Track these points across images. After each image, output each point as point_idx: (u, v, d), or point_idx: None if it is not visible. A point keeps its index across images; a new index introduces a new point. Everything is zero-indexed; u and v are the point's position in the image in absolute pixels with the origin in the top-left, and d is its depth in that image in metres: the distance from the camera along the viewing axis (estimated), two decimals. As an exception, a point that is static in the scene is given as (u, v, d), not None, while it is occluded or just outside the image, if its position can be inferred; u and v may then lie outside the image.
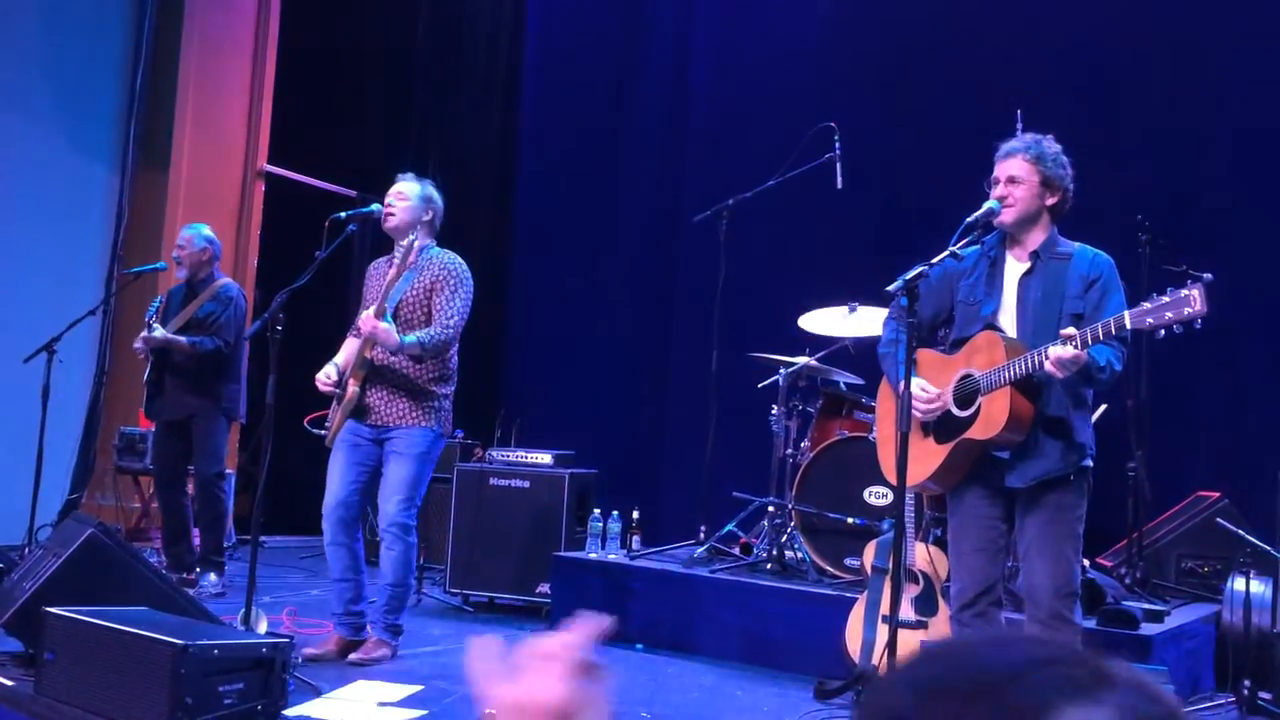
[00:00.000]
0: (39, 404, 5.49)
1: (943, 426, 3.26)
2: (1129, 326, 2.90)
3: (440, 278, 4.35)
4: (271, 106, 7.74)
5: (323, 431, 4.42)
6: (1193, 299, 2.80)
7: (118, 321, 7.08)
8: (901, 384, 3.10)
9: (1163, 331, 2.88)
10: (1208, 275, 4.77)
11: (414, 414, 4.31)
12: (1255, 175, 5.53)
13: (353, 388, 4.28)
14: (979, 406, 3.16)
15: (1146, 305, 2.87)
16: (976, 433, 3.15)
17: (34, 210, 6.88)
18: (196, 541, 5.65)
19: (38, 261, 6.87)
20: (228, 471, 5.82)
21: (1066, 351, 2.93)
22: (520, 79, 8.41)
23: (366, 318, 4.20)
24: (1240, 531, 4.38)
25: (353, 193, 8.02)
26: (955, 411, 3.22)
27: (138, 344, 5.53)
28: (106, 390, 7.07)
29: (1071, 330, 2.96)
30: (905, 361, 3.10)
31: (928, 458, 3.27)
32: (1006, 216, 3.24)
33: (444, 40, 8.62)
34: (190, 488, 5.72)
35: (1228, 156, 5.62)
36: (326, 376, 4.36)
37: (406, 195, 4.42)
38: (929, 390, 3.24)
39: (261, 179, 7.70)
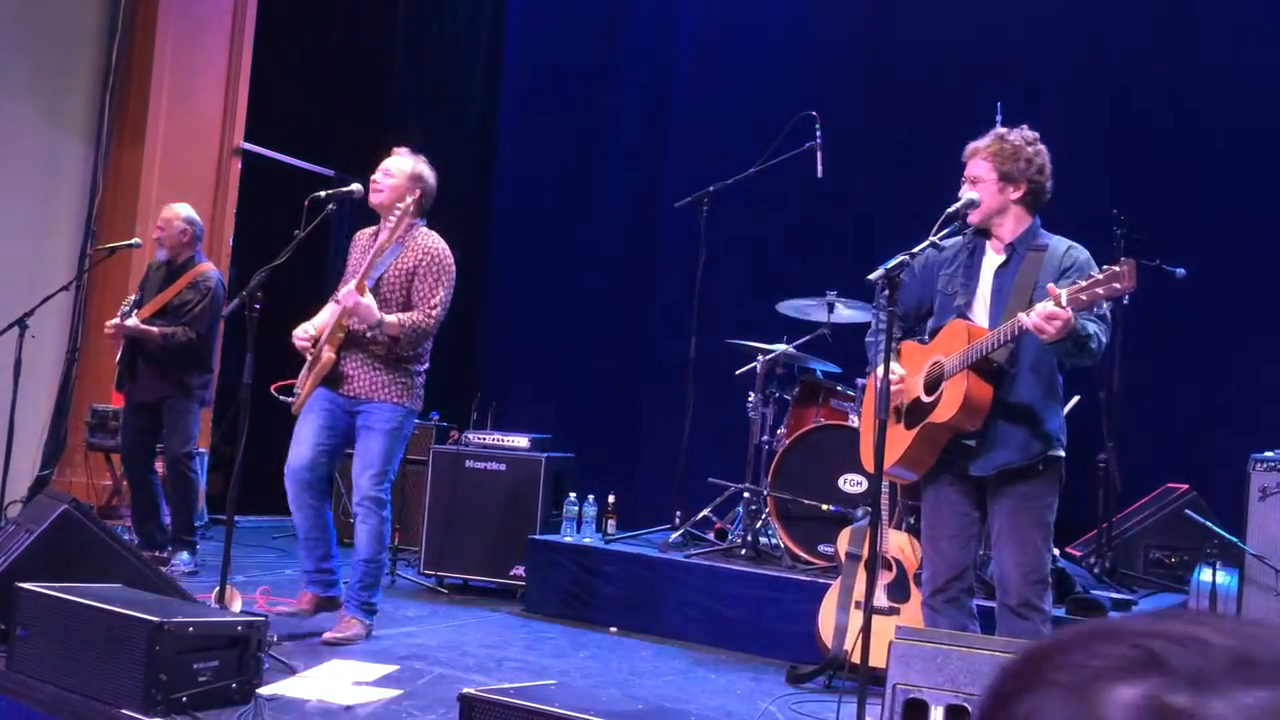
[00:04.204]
0: (10, 379, 5.44)
1: (912, 413, 3.32)
2: (1064, 304, 2.87)
3: (423, 263, 4.31)
4: (249, 83, 7.66)
5: (290, 399, 4.37)
6: (1122, 275, 2.79)
7: (90, 297, 7.01)
8: (880, 370, 3.14)
9: (1096, 308, 2.97)
10: (1180, 270, 4.87)
11: (387, 389, 4.29)
12: (1232, 172, 5.59)
13: (328, 353, 4.23)
14: (941, 391, 3.20)
15: (1081, 283, 2.88)
16: (937, 416, 3.20)
17: (7, 184, 6.79)
18: (168, 520, 5.63)
19: (10, 236, 6.79)
20: (199, 450, 5.79)
21: (1057, 310, 2.87)
22: (502, 59, 8.38)
23: (349, 292, 4.17)
24: (1207, 523, 4.45)
25: (330, 172, 7.97)
26: (922, 397, 3.27)
27: (108, 329, 5.49)
28: (78, 366, 7.00)
29: (1054, 290, 2.92)
30: (885, 348, 3.14)
31: (897, 443, 3.32)
32: (974, 217, 3.29)
33: (424, 19, 8.56)
34: (160, 466, 5.69)
35: (1206, 153, 5.67)
36: (304, 333, 4.32)
37: (393, 173, 4.37)
38: (896, 373, 3.28)
39: (238, 156, 7.62)
